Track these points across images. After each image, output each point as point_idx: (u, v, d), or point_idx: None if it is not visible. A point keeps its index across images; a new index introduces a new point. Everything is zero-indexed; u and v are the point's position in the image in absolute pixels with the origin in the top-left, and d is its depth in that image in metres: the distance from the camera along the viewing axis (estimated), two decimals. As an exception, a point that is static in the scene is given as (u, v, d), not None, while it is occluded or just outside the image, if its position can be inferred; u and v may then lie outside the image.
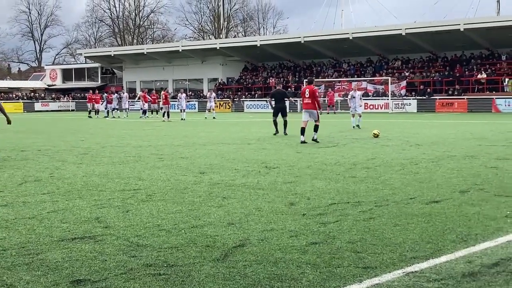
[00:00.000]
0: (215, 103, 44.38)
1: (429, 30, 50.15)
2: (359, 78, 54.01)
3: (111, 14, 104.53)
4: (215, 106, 43.78)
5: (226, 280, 4.82)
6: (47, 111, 68.16)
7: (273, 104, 22.68)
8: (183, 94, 40.02)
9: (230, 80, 65.53)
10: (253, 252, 5.58)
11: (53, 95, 78.56)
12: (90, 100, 48.39)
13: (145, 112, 43.77)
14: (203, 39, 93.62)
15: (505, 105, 44.62)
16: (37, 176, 10.94)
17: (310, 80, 19.52)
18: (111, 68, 78.29)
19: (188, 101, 59.06)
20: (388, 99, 49.27)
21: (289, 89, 36.60)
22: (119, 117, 44.06)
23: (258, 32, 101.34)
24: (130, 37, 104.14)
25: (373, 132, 19.50)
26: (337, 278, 4.83)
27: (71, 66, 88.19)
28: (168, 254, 5.55)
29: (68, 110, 71.41)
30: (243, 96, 60.10)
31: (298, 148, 15.92)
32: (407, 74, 52.97)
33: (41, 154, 15.19)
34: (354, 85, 29.29)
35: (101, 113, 47.56)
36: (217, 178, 10.36)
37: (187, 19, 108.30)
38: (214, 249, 5.70)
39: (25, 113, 62.75)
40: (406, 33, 51.02)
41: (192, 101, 60.32)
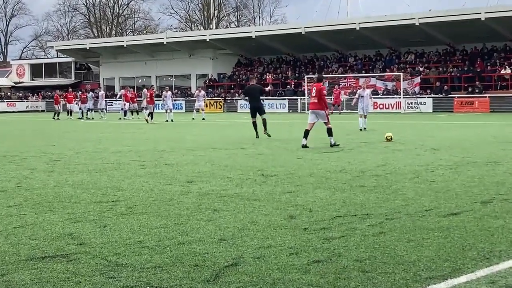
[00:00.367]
0: (205, 102, 44.44)
1: (446, 20, 50.28)
2: (367, 74, 54.12)
3: (86, 2, 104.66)
4: (205, 106, 43.88)
5: (217, 304, 4.82)
6: (13, 112, 68.08)
7: (248, 103, 22.76)
8: (169, 93, 40.12)
9: (222, 77, 65.57)
10: (248, 272, 5.57)
11: (20, 94, 78.45)
12: (57, 101, 48.84)
13: (126, 113, 43.83)
14: (191, 30, 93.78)
15: (532, 104, 44.77)
16: (2, 186, 10.91)
17: (319, 78, 19.67)
18: (86, 63, 78.26)
19: (174, 100, 59.12)
20: (400, 98, 49.37)
21: (267, 87, 37.42)
22: (93, 119, 44.07)
23: (253, 22, 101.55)
24: (108, 28, 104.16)
25: (386, 136, 19.53)
26: (343, 302, 4.84)
27: (41, 61, 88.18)
28: (151, 275, 5.54)
29: (38, 111, 71.33)
30: (236, 95, 60.13)
31: (299, 153, 15.93)
32: (421, 70, 53.10)
33: (7, 161, 15.16)
34: (363, 83, 29.35)
35: (75, 114, 47.54)
36: (207, 188, 10.36)
37: (173, 7, 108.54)
38: (204, 269, 5.70)
39: (-11, 114, 62.66)
40: (420, 23, 51.14)
41: (179, 100, 60.32)
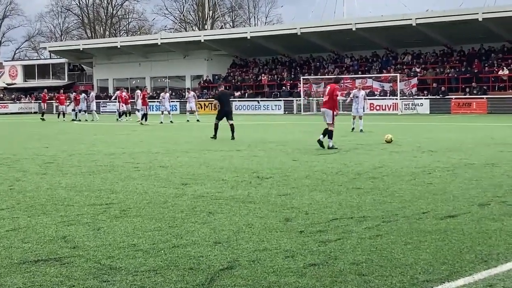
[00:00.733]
0: (196, 104, 44.51)
1: (443, 20, 50.35)
2: (364, 75, 54.17)
3: (80, 2, 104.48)
4: (197, 107, 44.11)
5: (212, 308, 4.81)
6: (6, 114, 67.91)
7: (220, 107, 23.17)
8: (167, 94, 40.63)
9: (217, 78, 65.54)
10: (243, 276, 5.57)
11: (13, 95, 78.32)
12: (44, 100, 49.03)
13: (121, 115, 43.82)
14: (185, 31, 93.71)
15: (530, 106, 44.85)
16: (-5, 189, 10.89)
17: (336, 79, 20.03)
18: (80, 64, 78.12)
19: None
20: (397, 99, 49.42)
21: (237, 93, 38.76)
22: (87, 120, 44.06)
23: (248, 23, 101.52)
24: (102, 29, 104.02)
25: (386, 138, 19.52)
26: (340, 305, 4.84)
27: (34, 62, 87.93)
28: (146, 278, 5.54)
29: (30, 113, 71.17)
30: (231, 96, 60.08)
31: (295, 155, 15.95)
32: (418, 71, 53.17)
33: (-1, 163, 15.13)
34: (358, 84, 29.49)
35: (68, 116, 47.46)
36: (202, 190, 10.35)
37: (167, 8, 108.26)
38: (199, 272, 5.69)
39: (-19, 116, 62.53)
40: (417, 24, 51.21)
41: (173, 102, 60.27)
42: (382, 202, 9.01)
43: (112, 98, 52.15)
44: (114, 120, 42.77)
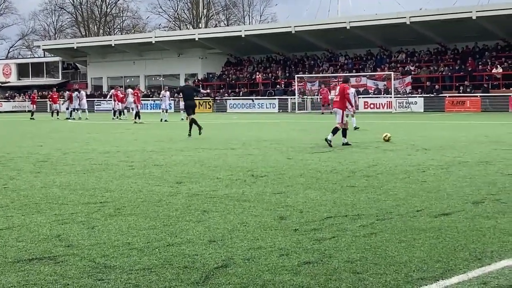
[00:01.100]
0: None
1: (437, 19, 50.46)
2: (358, 74, 54.22)
3: (73, 1, 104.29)
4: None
5: (207, 306, 4.82)
6: (0, 112, 67.77)
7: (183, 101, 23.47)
8: (167, 92, 41.16)
9: (211, 76, 65.54)
10: (238, 274, 5.58)
11: (7, 94, 78.12)
12: (34, 101, 49.06)
13: (116, 113, 43.80)
14: (180, 29, 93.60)
15: (524, 104, 44.97)
16: (-11, 188, 10.87)
17: (345, 79, 20.04)
18: (74, 63, 78.03)
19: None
20: (391, 97, 49.48)
21: (206, 90, 39.24)
22: (80, 119, 44.05)
23: (243, 21, 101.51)
24: (96, 27, 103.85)
25: (384, 136, 19.51)
26: (334, 303, 4.85)
27: (28, 61, 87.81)
28: (140, 277, 5.53)
29: (24, 111, 70.97)
30: (226, 94, 60.12)
31: (289, 154, 15.95)
32: (413, 69, 53.25)
33: (-7, 162, 15.09)
34: (353, 82, 29.61)
35: (61, 114, 47.39)
36: (196, 189, 10.35)
37: (161, 6, 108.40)
38: (193, 271, 5.69)
39: (-26, 115, 62.38)
40: (411, 22, 51.29)
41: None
42: (377, 200, 9.03)
43: (108, 97, 52.13)
44: (109, 119, 42.71)
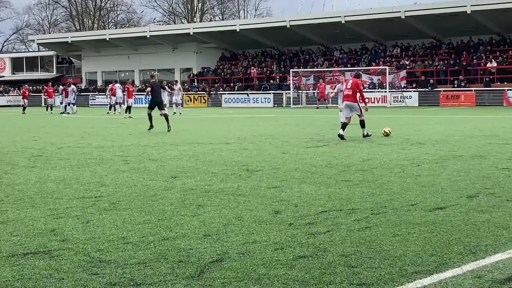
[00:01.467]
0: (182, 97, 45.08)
1: (432, 13, 50.46)
2: (353, 68, 54.18)
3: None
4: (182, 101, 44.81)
5: (202, 300, 4.82)
6: (-6, 107, 67.59)
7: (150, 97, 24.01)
8: (178, 86, 42.07)
9: (206, 71, 65.44)
10: (233, 268, 5.58)
11: (1, 88, 77.88)
12: (25, 96, 49.02)
13: (111, 108, 43.76)
14: (174, 23, 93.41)
15: (518, 98, 45.04)
16: (-17, 182, 10.84)
17: (357, 74, 20.43)
18: (68, 57, 77.82)
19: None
20: (386, 92, 49.50)
21: (175, 85, 39.92)
22: (75, 113, 43.99)
23: (238, 15, 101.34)
24: (90, 21, 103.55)
25: (384, 130, 19.51)
26: (329, 297, 4.86)
27: (22, 55, 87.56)
28: (135, 271, 5.53)
29: (19, 105, 70.71)
30: (221, 89, 60.06)
31: (284, 148, 15.96)
32: (407, 63, 53.27)
33: (-13, 157, 15.06)
34: (341, 77, 29.92)
35: (56, 109, 47.28)
36: (191, 183, 10.35)
37: (155, 0, 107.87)
38: (188, 265, 5.69)
39: (-31, 109, 62.18)
40: (406, 16, 51.28)
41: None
42: (371, 194, 9.04)
43: (107, 92, 52.10)
44: (104, 113, 42.65)
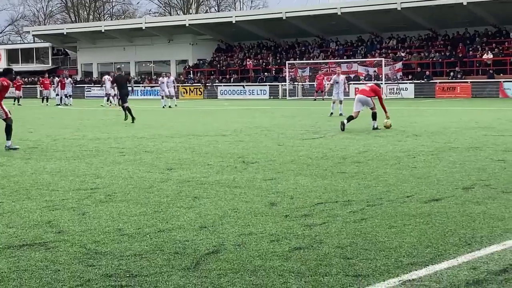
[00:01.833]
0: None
1: (428, 5, 50.43)
2: (349, 60, 54.21)
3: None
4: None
5: (198, 292, 4.82)
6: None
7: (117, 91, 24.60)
8: (171, 78, 41.11)
9: (202, 62, 65.36)
10: (229, 260, 5.59)
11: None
12: (19, 87, 48.92)
13: (109, 99, 43.78)
14: (170, 15, 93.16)
15: (514, 90, 45.07)
16: (-22, 174, 10.83)
17: (377, 84, 21.31)
18: (64, 49, 77.63)
19: (152, 86, 59.16)
20: (382, 83, 49.46)
21: (134, 79, 39.90)
22: (71, 105, 43.95)
23: (234, 7, 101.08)
24: (86, 13, 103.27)
25: (385, 123, 19.49)
26: (325, 288, 4.87)
27: (17, 46, 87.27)
28: (131, 263, 5.54)
29: (14, 97, 70.65)
30: (217, 81, 60.00)
31: (280, 140, 15.97)
32: (403, 55, 53.26)
33: (-17, 149, 15.04)
34: (338, 69, 29.98)
35: (51, 101, 47.20)
36: (187, 175, 10.35)
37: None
38: (184, 257, 5.70)
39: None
40: (402, 8, 51.24)
41: (156, 86, 60.09)
42: (367, 186, 9.05)
43: (102, 84, 52.12)
44: (98, 105, 42.61)
